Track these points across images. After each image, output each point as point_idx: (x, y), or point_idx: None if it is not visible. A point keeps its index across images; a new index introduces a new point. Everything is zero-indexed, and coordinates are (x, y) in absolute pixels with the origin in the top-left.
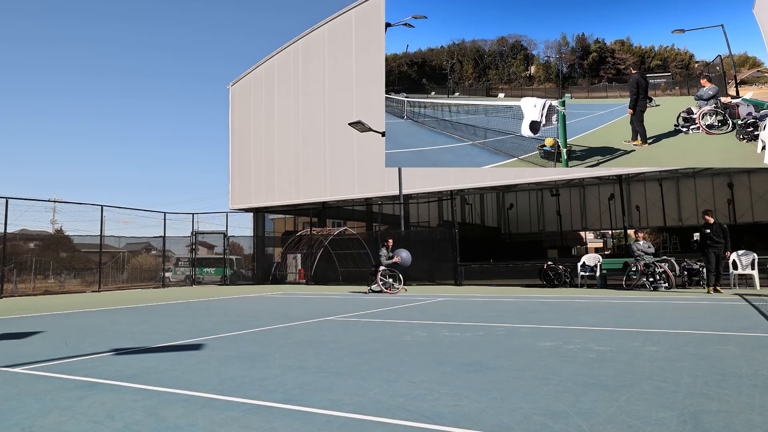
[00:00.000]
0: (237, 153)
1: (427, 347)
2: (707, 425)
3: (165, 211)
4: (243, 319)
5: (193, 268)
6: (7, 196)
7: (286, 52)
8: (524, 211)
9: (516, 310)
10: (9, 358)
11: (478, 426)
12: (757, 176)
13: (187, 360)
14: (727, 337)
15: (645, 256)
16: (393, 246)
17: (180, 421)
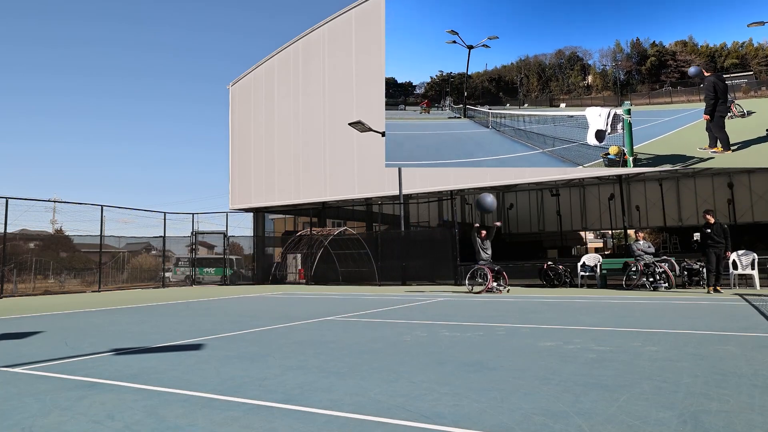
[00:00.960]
0: (237, 153)
1: (427, 347)
2: (707, 425)
3: (165, 211)
4: (243, 319)
5: (193, 268)
6: (7, 196)
7: (286, 52)
8: (524, 211)
9: (516, 310)
10: (9, 358)
11: (478, 426)
12: (757, 176)
13: (187, 360)
14: (727, 337)
15: (645, 256)
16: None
17: (180, 421)
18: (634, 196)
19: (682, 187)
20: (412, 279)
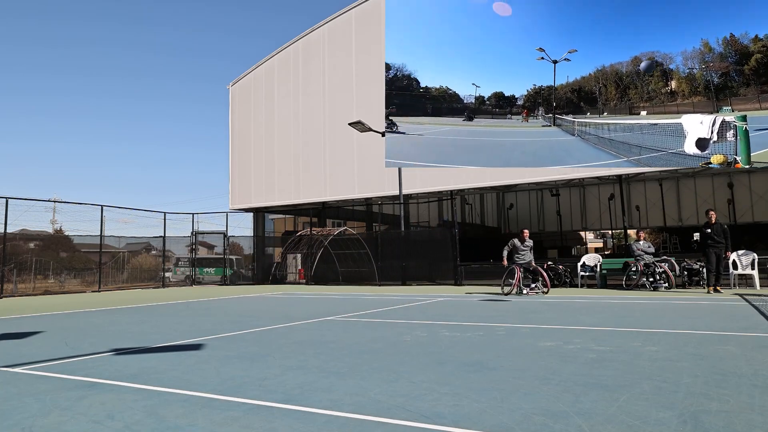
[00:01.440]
0: (237, 153)
1: (427, 347)
2: (707, 425)
3: (165, 211)
4: (243, 319)
5: (193, 268)
6: (7, 196)
7: (286, 52)
8: (524, 211)
9: (516, 310)
10: (9, 358)
11: (478, 426)
12: (757, 176)
13: (187, 360)
14: (727, 337)
15: (645, 256)
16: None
17: (180, 421)
18: (634, 196)
19: (682, 187)
20: (412, 279)
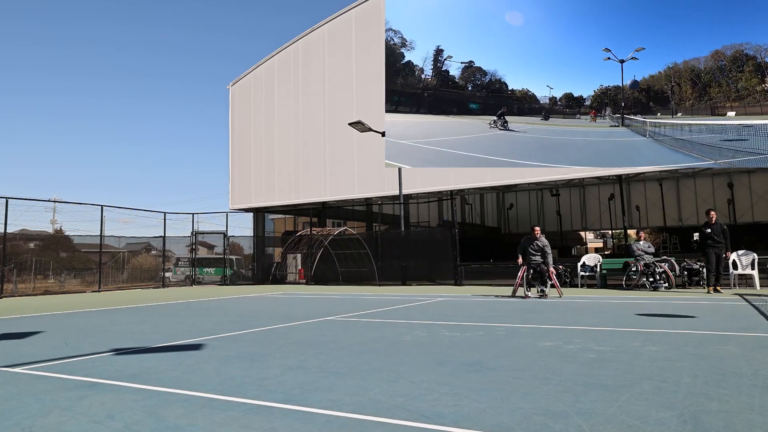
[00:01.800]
0: (237, 153)
1: (427, 347)
2: (707, 425)
3: (165, 211)
4: (243, 319)
5: (193, 268)
6: (7, 196)
7: (286, 52)
8: (524, 211)
9: (516, 310)
10: (9, 358)
11: (478, 426)
12: (757, 176)
13: (187, 360)
14: (727, 337)
15: (645, 256)
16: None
17: (180, 421)
18: (634, 196)
19: (682, 187)
20: (412, 279)
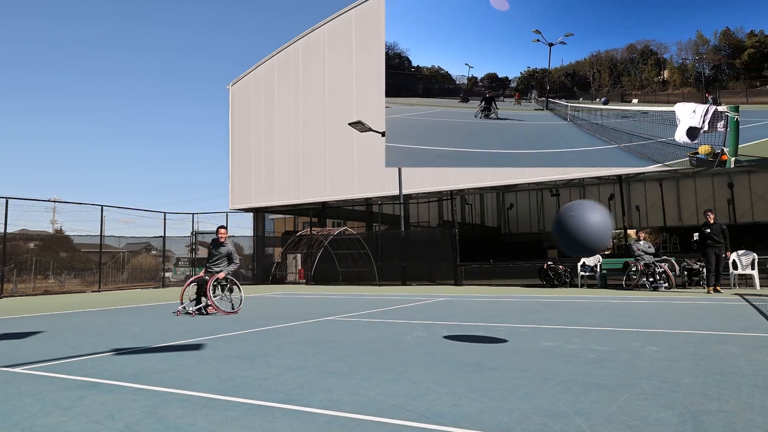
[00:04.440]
0: (237, 153)
1: (427, 347)
2: (707, 425)
3: (165, 211)
4: (243, 319)
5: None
6: (7, 196)
7: (286, 52)
8: (524, 211)
9: (516, 310)
10: (9, 358)
11: (478, 426)
12: (757, 176)
13: (187, 360)
14: (727, 337)
15: (645, 256)
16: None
17: (180, 421)
18: (634, 196)
19: (682, 187)
20: (412, 279)
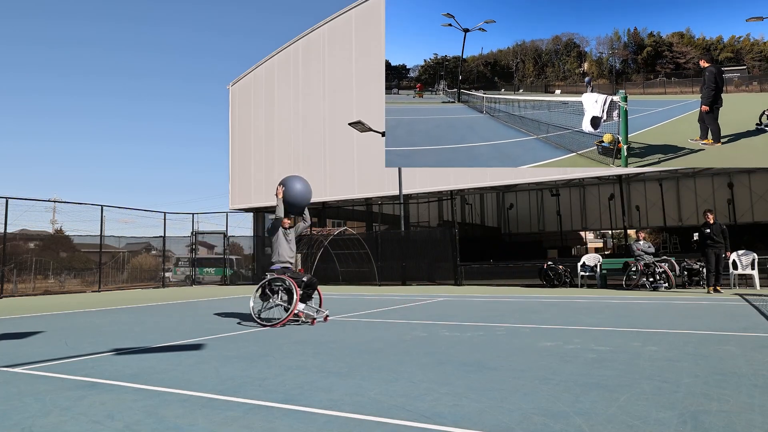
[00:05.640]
0: (237, 153)
1: (427, 347)
2: (707, 425)
3: (165, 211)
4: (243, 319)
5: (193, 268)
6: (7, 196)
7: (286, 52)
8: (524, 211)
9: (516, 310)
10: (9, 358)
11: (478, 426)
12: (757, 176)
13: (187, 360)
14: (727, 337)
15: (645, 256)
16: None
17: (180, 421)
18: (634, 196)
19: (682, 187)
20: (412, 279)
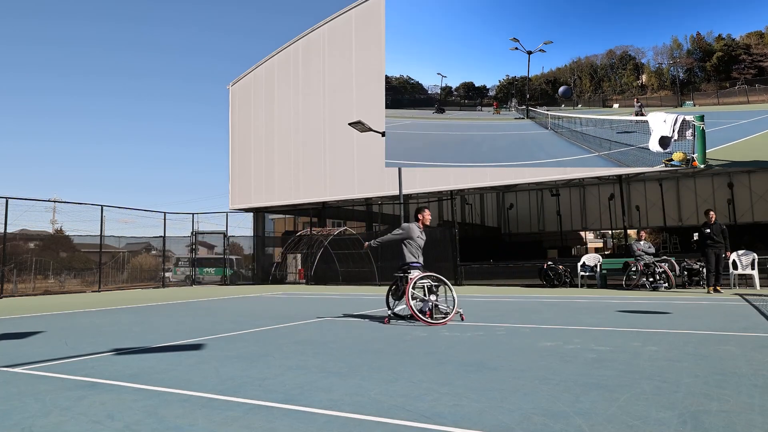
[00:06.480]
0: (237, 153)
1: (427, 347)
2: (707, 425)
3: (165, 211)
4: (243, 319)
5: (193, 268)
6: (7, 196)
7: (286, 52)
8: (524, 211)
9: (516, 310)
10: (9, 358)
11: (478, 426)
12: (757, 176)
13: (187, 360)
14: (727, 337)
15: (645, 256)
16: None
17: (180, 421)
18: (634, 196)
19: (682, 187)
20: None
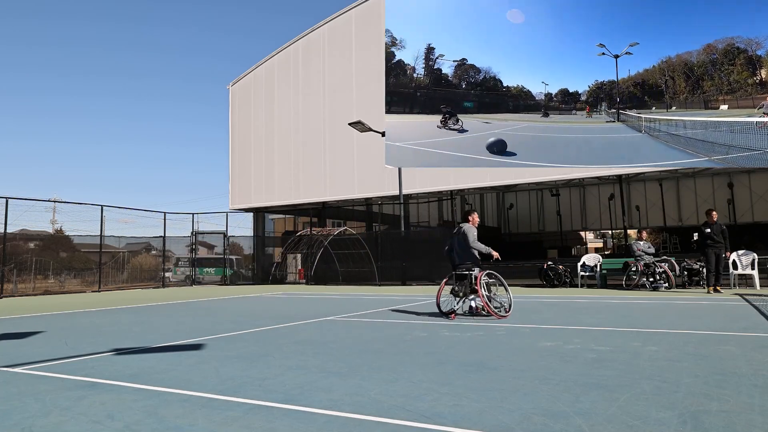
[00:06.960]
0: (237, 153)
1: (427, 347)
2: (707, 425)
3: (165, 211)
4: (243, 319)
5: (193, 268)
6: (7, 196)
7: (286, 52)
8: (524, 211)
9: (516, 310)
10: (9, 358)
11: (478, 426)
12: (757, 176)
13: (187, 360)
14: (727, 337)
15: (645, 256)
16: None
17: (180, 421)
18: (634, 196)
19: (682, 187)
20: (412, 279)
